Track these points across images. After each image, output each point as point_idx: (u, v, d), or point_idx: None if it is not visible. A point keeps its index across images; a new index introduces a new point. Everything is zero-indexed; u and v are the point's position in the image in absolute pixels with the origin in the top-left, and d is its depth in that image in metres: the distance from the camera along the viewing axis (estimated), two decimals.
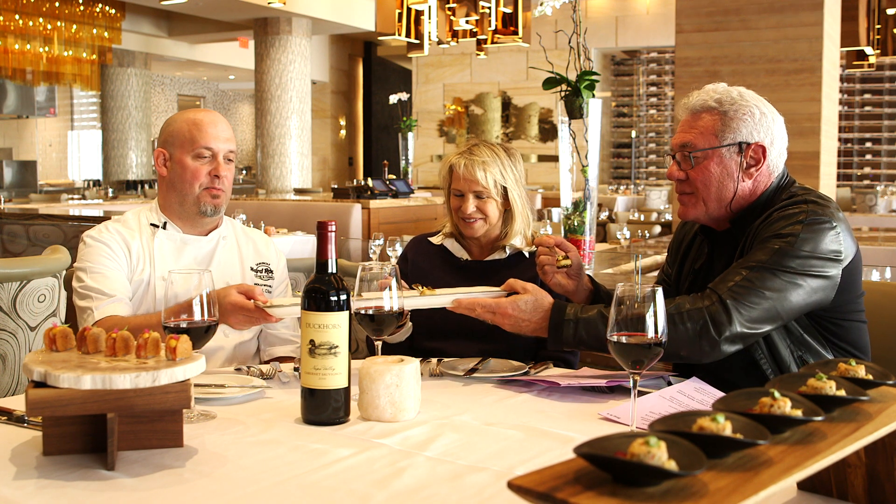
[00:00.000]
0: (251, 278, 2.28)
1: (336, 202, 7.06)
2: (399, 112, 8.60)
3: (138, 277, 2.17)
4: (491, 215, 2.34)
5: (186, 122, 2.20)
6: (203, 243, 2.25)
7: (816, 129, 4.53)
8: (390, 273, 1.73)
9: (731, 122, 1.88)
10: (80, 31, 12.24)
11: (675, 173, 1.94)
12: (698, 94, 1.94)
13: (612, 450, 0.87)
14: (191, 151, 2.18)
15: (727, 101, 1.89)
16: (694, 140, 1.90)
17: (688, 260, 2.08)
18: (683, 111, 1.95)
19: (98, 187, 12.70)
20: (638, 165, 14.80)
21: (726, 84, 1.96)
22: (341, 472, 1.32)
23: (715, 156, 1.89)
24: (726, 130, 1.88)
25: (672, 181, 1.98)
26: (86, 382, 1.31)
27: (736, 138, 1.88)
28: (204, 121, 2.20)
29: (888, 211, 9.69)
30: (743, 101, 1.90)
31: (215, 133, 2.19)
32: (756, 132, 1.89)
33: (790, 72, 4.56)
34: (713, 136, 1.88)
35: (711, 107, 1.90)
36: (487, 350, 2.20)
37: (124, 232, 2.20)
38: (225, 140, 2.20)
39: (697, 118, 1.91)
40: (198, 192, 2.18)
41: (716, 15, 4.73)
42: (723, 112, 1.89)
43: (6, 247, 6.23)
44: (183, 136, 2.19)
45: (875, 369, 1.22)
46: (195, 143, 2.17)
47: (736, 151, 1.89)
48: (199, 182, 2.18)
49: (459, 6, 8.39)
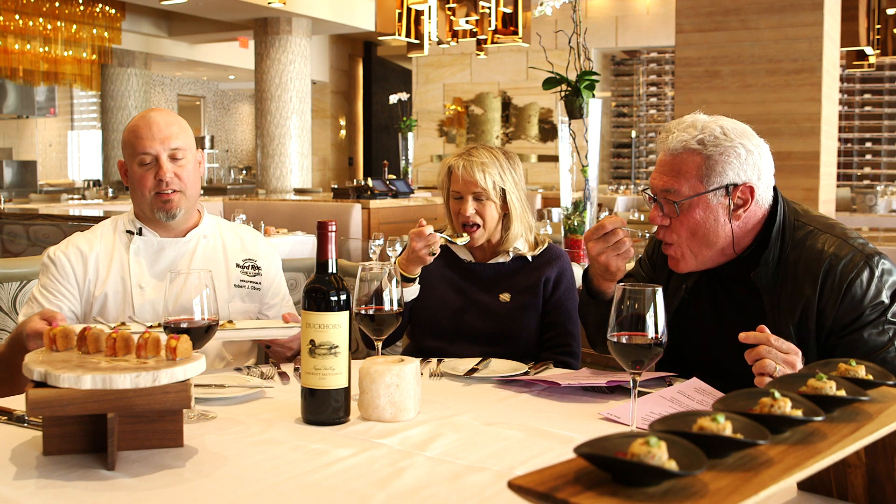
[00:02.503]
0: (237, 275, 2.26)
1: (336, 202, 7.06)
2: (399, 112, 8.61)
3: (101, 289, 2.15)
4: (489, 219, 2.33)
5: (127, 129, 2.17)
6: (181, 245, 2.22)
7: (816, 129, 4.53)
8: (390, 274, 1.73)
9: (715, 166, 1.75)
10: (80, 31, 12.24)
11: (659, 219, 1.81)
12: (677, 132, 1.79)
13: (612, 450, 0.87)
14: (134, 160, 2.15)
15: (710, 141, 1.75)
16: (677, 186, 1.77)
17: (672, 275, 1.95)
18: (663, 149, 1.80)
19: (98, 187, 12.68)
20: (638, 165, 14.79)
21: (706, 116, 1.83)
22: (341, 472, 1.32)
23: (700, 202, 1.76)
24: (712, 175, 1.75)
25: (655, 226, 1.84)
26: (86, 382, 1.31)
27: (722, 181, 1.75)
28: (139, 125, 2.15)
29: (888, 211, 9.68)
30: (727, 140, 1.75)
31: (150, 135, 2.13)
32: (743, 172, 1.76)
33: (790, 72, 4.56)
34: (697, 181, 1.75)
35: (694, 148, 1.76)
36: (488, 351, 2.20)
37: (83, 247, 2.18)
38: (163, 140, 2.13)
39: (679, 160, 1.77)
40: (149, 198, 2.15)
41: (716, 15, 4.73)
42: (707, 155, 1.75)
43: (6, 247, 6.23)
44: (127, 145, 2.17)
45: (875, 369, 1.22)
46: (135, 150, 2.14)
47: (723, 194, 1.76)
48: (147, 189, 2.14)
49: (459, 6, 8.39)
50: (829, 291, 1.75)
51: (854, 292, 1.73)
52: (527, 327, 2.32)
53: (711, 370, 1.85)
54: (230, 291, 2.24)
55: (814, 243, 1.79)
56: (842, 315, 1.74)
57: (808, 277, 1.77)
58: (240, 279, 2.26)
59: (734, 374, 1.70)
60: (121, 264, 2.17)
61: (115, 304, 2.15)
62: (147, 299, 2.15)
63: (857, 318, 1.74)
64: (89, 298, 2.16)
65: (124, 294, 2.15)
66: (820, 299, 1.75)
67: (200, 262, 2.20)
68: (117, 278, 2.16)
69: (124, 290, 2.16)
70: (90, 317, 2.16)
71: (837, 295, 1.74)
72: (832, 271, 1.75)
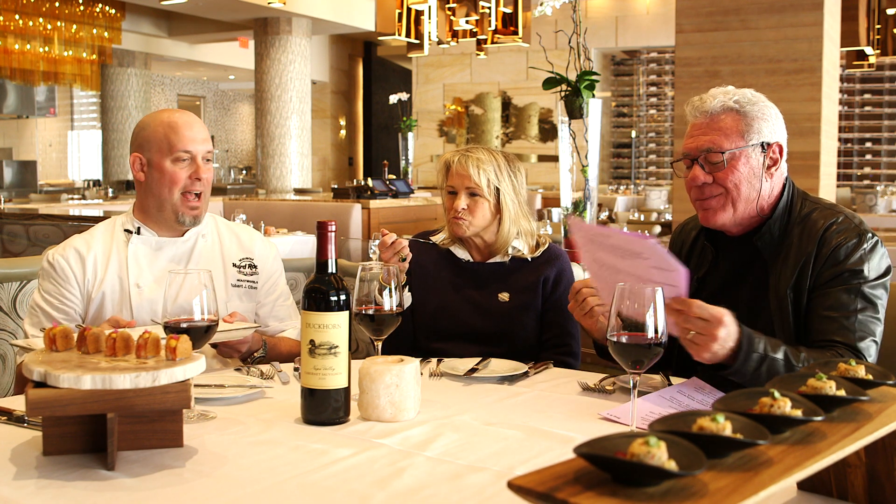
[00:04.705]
0: (234, 275, 2.25)
1: (336, 202, 7.06)
2: (399, 112, 8.61)
3: (98, 289, 2.14)
4: (480, 216, 2.33)
5: (161, 125, 2.15)
6: (179, 244, 2.21)
7: (816, 129, 4.53)
8: (389, 274, 1.73)
9: (753, 122, 1.87)
10: (80, 31, 12.25)
11: (701, 177, 1.88)
12: (712, 97, 1.90)
13: (612, 450, 0.87)
14: (169, 155, 2.13)
15: (745, 101, 1.88)
16: (719, 141, 1.86)
17: (689, 267, 2.04)
18: (696, 114, 1.91)
19: (98, 187, 12.68)
20: (638, 165, 14.79)
21: (732, 86, 1.94)
22: (341, 472, 1.32)
23: (742, 156, 1.86)
24: (750, 130, 1.87)
25: (693, 187, 1.91)
26: (86, 382, 1.31)
27: (759, 138, 1.87)
28: (179, 123, 2.15)
29: (888, 211, 9.68)
30: (760, 100, 1.89)
31: (192, 135, 2.14)
32: (774, 132, 1.89)
33: (790, 72, 4.55)
34: (738, 136, 1.86)
35: (731, 107, 1.87)
36: (487, 351, 2.20)
37: (81, 248, 2.17)
38: (202, 141, 2.16)
39: (717, 120, 1.88)
40: (177, 197, 2.15)
41: (716, 15, 4.73)
42: (744, 112, 1.87)
43: (6, 247, 6.23)
44: (159, 140, 2.14)
45: (875, 369, 1.22)
46: (173, 146, 2.13)
47: (760, 151, 1.88)
48: (178, 186, 2.14)
49: (459, 6, 8.39)
50: (821, 253, 1.85)
51: (839, 254, 1.83)
52: (526, 327, 2.32)
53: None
54: (228, 292, 2.23)
55: (816, 218, 1.90)
56: (824, 272, 1.83)
57: (809, 243, 1.87)
58: (237, 278, 2.26)
59: None
60: (118, 264, 2.17)
61: (112, 303, 2.14)
62: (145, 298, 2.14)
63: (835, 277, 1.82)
64: (88, 299, 2.16)
65: (122, 293, 2.15)
66: (815, 260, 1.85)
67: (198, 262, 2.20)
68: (115, 278, 2.15)
69: (122, 289, 2.15)
70: (88, 317, 2.15)
71: (826, 255, 1.84)
72: (828, 237, 1.85)
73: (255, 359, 2.11)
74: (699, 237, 2.05)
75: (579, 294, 1.91)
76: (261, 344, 2.12)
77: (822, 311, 1.80)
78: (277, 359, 2.13)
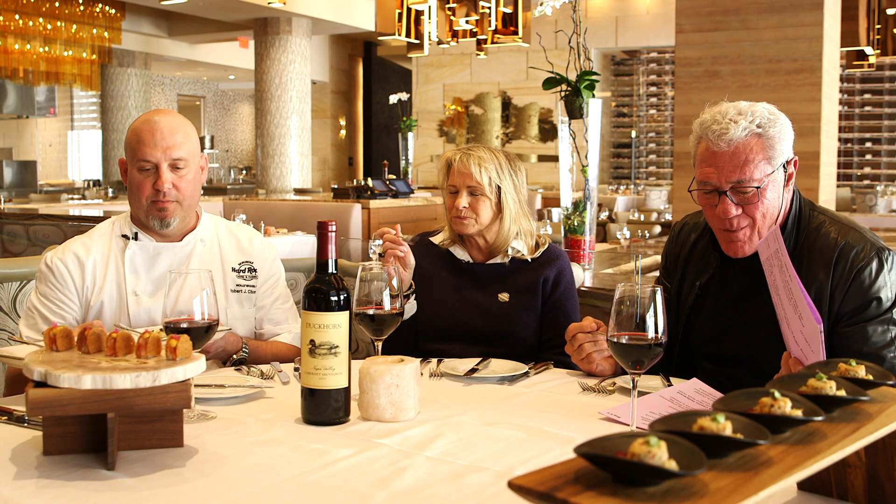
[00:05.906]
0: (233, 280, 2.22)
1: (336, 202, 7.06)
2: (399, 112, 8.61)
3: (97, 297, 2.11)
4: (482, 215, 2.33)
5: (132, 131, 2.10)
6: (177, 249, 2.17)
7: (816, 129, 4.52)
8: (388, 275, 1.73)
9: (776, 145, 1.82)
10: (80, 31, 12.25)
11: (733, 210, 1.82)
12: (733, 122, 1.81)
13: (612, 450, 0.87)
14: (134, 164, 2.09)
15: (766, 122, 1.82)
16: (749, 174, 1.80)
17: (689, 273, 2.03)
18: (718, 143, 1.81)
19: (98, 187, 12.68)
20: (638, 165, 14.80)
21: (742, 103, 1.87)
22: (341, 472, 1.32)
23: (771, 182, 1.82)
24: (775, 154, 1.82)
25: (722, 219, 1.84)
26: (86, 382, 1.31)
27: (783, 159, 1.84)
28: (142, 129, 2.07)
29: (888, 211, 9.69)
30: (778, 117, 1.84)
31: (153, 142, 2.05)
32: (790, 146, 1.86)
33: (790, 72, 4.55)
34: (766, 163, 1.81)
35: (755, 132, 1.81)
36: (487, 351, 2.20)
37: (81, 253, 2.13)
38: (165, 148, 2.06)
39: (743, 150, 1.80)
40: (145, 205, 2.10)
41: (716, 15, 4.73)
42: (768, 137, 1.81)
43: (6, 247, 6.23)
44: (129, 147, 2.10)
45: (875, 369, 1.22)
46: (135, 154, 2.07)
47: (782, 170, 1.85)
48: (144, 196, 2.09)
49: (459, 6, 8.39)
50: (840, 277, 1.81)
51: (862, 280, 1.79)
52: (526, 327, 2.32)
53: (723, 361, 1.92)
54: (227, 297, 2.21)
55: (827, 231, 1.86)
56: (848, 301, 1.80)
57: (822, 263, 1.83)
58: (236, 283, 2.22)
59: (746, 362, 1.80)
60: (116, 271, 2.13)
61: (110, 312, 2.12)
62: (143, 307, 2.11)
63: (861, 308, 1.79)
64: (87, 306, 2.13)
65: (119, 302, 2.12)
66: (832, 283, 1.81)
67: (197, 267, 2.17)
68: (113, 286, 2.12)
69: (119, 298, 2.12)
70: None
71: (847, 281, 1.80)
72: (844, 258, 1.81)
73: (235, 361, 2.08)
74: (700, 241, 2.03)
75: (574, 339, 1.91)
76: (239, 346, 2.08)
77: (859, 348, 1.76)
78: (260, 362, 2.10)
